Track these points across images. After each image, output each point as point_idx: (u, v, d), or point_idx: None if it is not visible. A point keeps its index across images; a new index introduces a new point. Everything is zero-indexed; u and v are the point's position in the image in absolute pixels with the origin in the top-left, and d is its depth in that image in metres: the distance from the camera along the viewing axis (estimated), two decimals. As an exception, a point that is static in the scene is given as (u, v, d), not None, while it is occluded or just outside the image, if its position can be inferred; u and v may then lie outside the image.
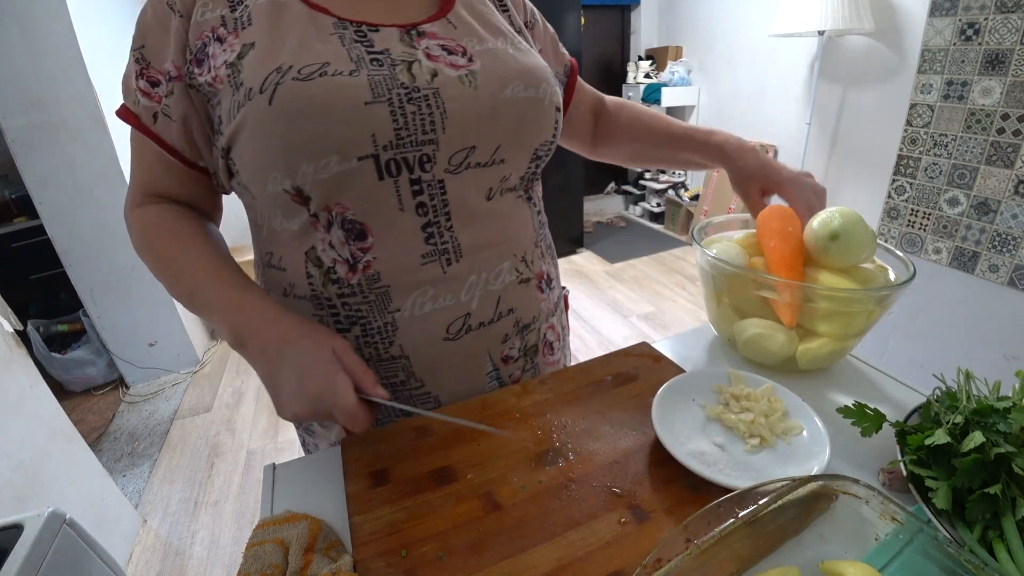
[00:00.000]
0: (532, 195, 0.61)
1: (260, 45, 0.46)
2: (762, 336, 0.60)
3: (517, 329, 0.59)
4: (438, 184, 0.50)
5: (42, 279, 2.46)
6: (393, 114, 0.45)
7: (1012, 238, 1.65)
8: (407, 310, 0.52)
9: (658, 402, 0.51)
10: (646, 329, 2.69)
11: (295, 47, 0.45)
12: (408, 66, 0.47)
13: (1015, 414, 0.41)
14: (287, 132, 0.44)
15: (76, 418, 2.07)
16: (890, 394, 0.59)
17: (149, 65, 0.49)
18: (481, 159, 0.51)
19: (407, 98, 0.46)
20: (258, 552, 0.40)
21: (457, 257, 0.52)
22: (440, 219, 0.51)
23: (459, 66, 0.49)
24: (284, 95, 0.43)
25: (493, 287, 0.55)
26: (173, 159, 0.52)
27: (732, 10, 3.25)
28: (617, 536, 0.40)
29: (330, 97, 0.44)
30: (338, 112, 0.44)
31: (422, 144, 0.48)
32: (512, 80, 0.52)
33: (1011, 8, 1.54)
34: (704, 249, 0.63)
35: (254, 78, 0.44)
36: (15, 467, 1.16)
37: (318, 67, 0.44)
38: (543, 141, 0.56)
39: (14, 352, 1.31)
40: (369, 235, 0.50)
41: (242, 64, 0.45)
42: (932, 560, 0.33)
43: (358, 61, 0.45)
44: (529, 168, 0.57)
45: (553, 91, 0.56)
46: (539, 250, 0.62)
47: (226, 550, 1.56)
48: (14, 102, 1.84)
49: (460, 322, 0.54)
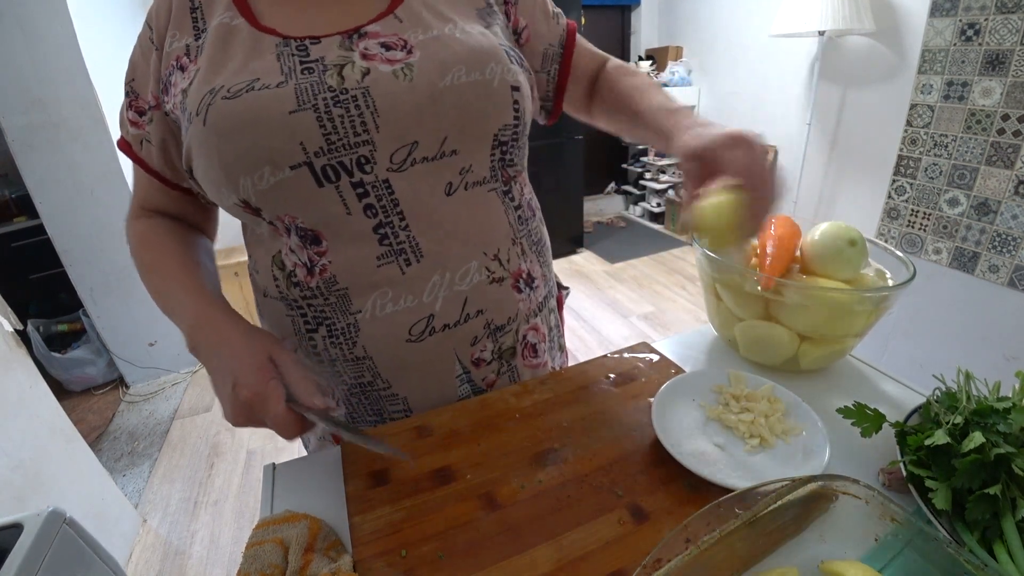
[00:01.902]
0: (510, 188, 0.58)
1: (203, 69, 0.48)
2: (763, 337, 0.60)
3: (488, 331, 0.57)
4: (383, 184, 0.48)
5: (42, 279, 2.46)
6: (319, 119, 0.45)
7: (1012, 238, 1.64)
8: (368, 311, 0.52)
9: (658, 402, 0.51)
10: (646, 329, 2.69)
11: (234, 69, 0.46)
12: (339, 69, 0.46)
13: (1015, 415, 0.41)
14: (221, 149, 0.46)
15: (76, 418, 2.07)
16: (890, 394, 0.59)
17: (138, 96, 0.54)
18: (428, 153, 0.49)
19: (333, 102, 0.45)
20: (258, 552, 0.40)
21: (417, 257, 0.51)
22: (393, 219, 0.49)
23: (395, 60, 0.48)
24: (214, 114, 0.45)
25: (459, 287, 0.53)
26: (158, 181, 0.57)
27: (732, 10, 3.25)
28: (617, 536, 0.40)
29: (254, 111, 0.44)
30: (263, 124, 0.44)
31: (356, 146, 0.46)
32: (453, 65, 0.49)
33: (1011, 8, 1.54)
34: (704, 249, 0.63)
35: (193, 102, 0.47)
36: (15, 466, 1.16)
37: (247, 84, 0.45)
38: (502, 125, 0.52)
39: (14, 352, 1.31)
40: (323, 240, 0.50)
41: (189, 91, 0.48)
42: (931, 561, 0.33)
43: (288, 73, 0.46)
44: (493, 156, 0.54)
45: (505, 69, 0.51)
46: (518, 247, 0.58)
47: (226, 550, 1.56)
48: (14, 102, 1.84)
49: (423, 324, 0.53)
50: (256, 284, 0.59)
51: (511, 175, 0.58)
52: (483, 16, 0.56)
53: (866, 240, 0.60)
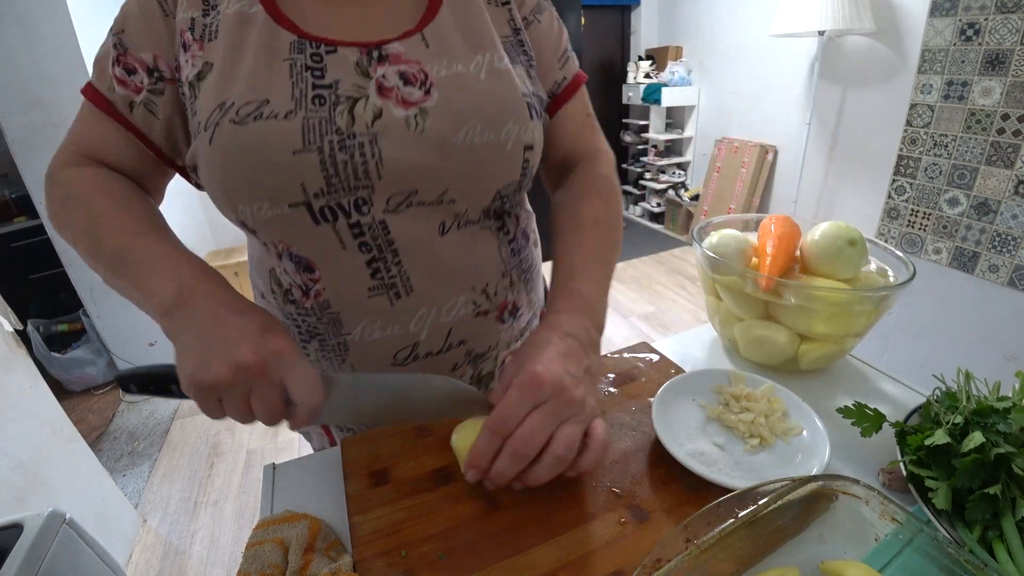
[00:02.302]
0: (504, 223, 0.56)
1: (216, 70, 0.45)
2: (763, 337, 0.60)
3: (469, 359, 0.58)
4: (379, 225, 0.48)
5: (42, 279, 2.45)
6: (323, 162, 0.44)
7: (1012, 238, 1.65)
8: (357, 334, 0.53)
9: (658, 402, 0.51)
10: (646, 329, 2.69)
11: (245, 75, 0.44)
12: (351, 105, 0.44)
13: (1015, 414, 0.41)
14: (223, 174, 0.44)
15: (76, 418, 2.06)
16: (890, 394, 0.59)
17: (127, 51, 0.47)
18: (425, 199, 0.48)
19: (339, 146, 0.44)
20: (258, 552, 0.40)
21: (407, 291, 0.51)
22: (386, 255, 0.49)
23: (410, 103, 0.46)
24: (221, 137, 0.43)
25: (444, 320, 0.53)
26: (147, 150, 0.51)
27: (732, 10, 3.25)
28: (617, 536, 0.40)
29: (260, 144, 0.43)
30: (267, 160, 0.43)
31: (355, 189, 0.46)
32: (470, 119, 0.47)
33: (1011, 8, 1.54)
34: (704, 249, 0.63)
35: (203, 111, 0.44)
36: (15, 466, 1.16)
37: (255, 107, 0.43)
38: (507, 182, 0.51)
39: (14, 352, 1.31)
40: (316, 269, 0.50)
41: (199, 88, 0.45)
42: (932, 560, 0.33)
43: (299, 99, 0.43)
44: (492, 204, 0.52)
45: (522, 129, 0.49)
46: (507, 280, 0.57)
47: (226, 550, 1.56)
48: (14, 102, 1.84)
49: (408, 350, 0.54)
50: (256, 285, 0.59)
51: (507, 212, 0.57)
52: (508, 48, 0.53)
53: (866, 240, 0.60)
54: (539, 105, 0.53)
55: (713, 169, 3.48)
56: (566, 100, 0.59)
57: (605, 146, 0.63)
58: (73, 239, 0.48)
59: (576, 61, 0.61)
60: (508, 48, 0.53)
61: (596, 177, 0.59)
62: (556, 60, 0.58)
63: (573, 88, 0.59)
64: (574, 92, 0.59)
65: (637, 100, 3.87)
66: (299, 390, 0.39)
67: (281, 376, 0.39)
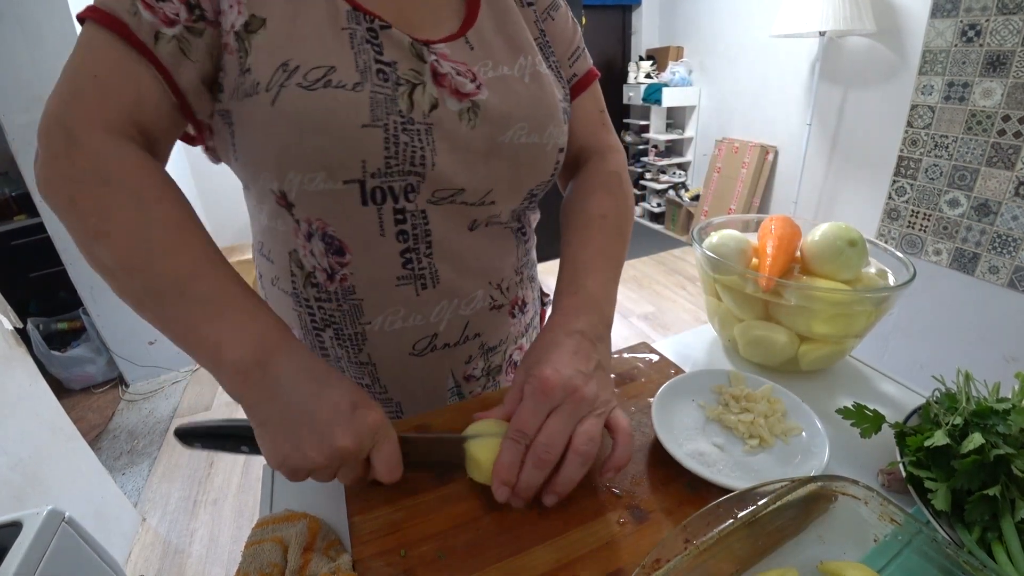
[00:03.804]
0: (524, 224, 0.59)
1: (272, 27, 0.41)
2: (763, 337, 0.60)
3: (482, 352, 0.60)
4: (420, 214, 0.48)
5: (42, 277, 2.46)
6: (387, 141, 0.43)
7: (1012, 239, 1.65)
8: (377, 324, 0.53)
9: (658, 402, 0.51)
10: (646, 329, 2.69)
11: (307, 37, 0.41)
12: (411, 90, 0.44)
13: (1014, 416, 0.41)
14: (283, 139, 0.42)
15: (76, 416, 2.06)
16: (890, 395, 0.59)
17: None
18: (469, 199, 0.49)
19: (402, 127, 0.43)
20: (257, 551, 0.40)
21: (434, 283, 0.52)
22: (420, 247, 0.50)
23: (464, 94, 0.46)
24: (287, 101, 0.40)
25: (463, 312, 0.55)
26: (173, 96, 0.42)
27: (733, 10, 3.25)
28: (616, 536, 0.40)
29: (328, 113, 0.41)
30: (335, 132, 0.41)
31: (408, 174, 0.45)
32: (517, 121, 0.48)
33: (1012, 10, 1.54)
34: (704, 249, 0.63)
35: (262, 70, 0.40)
36: (14, 465, 1.16)
37: (323, 73, 0.41)
38: (539, 182, 0.54)
39: (14, 350, 1.31)
40: (347, 252, 0.49)
41: (251, 43, 0.41)
42: (931, 561, 0.33)
43: (364, 71, 0.42)
44: (522, 204, 0.55)
45: (560, 132, 0.52)
46: (519, 276, 0.60)
47: (225, 549, 1.56)
48: (15, 100, 1.84)
49: (426, 341, 0.55)
50: (264, 268, 0.56)
51: (524, 215, 0.59)
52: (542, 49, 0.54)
53: (866, 241, 0.60)
54: (567, 107, 0.55)
55: (713, 169, 3.48)
56: (576, 96, 0.59)
57: (617, 143, 0.63)
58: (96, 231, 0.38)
59: (589, 59, 0.60)
60: (542, 49, 0.54)
61: (606, 173, 0.59)
62: (567, 57, 0.58)
63: (584, 84, 0.59)
64: (585, 88, 0.59)
65: (638, 100, 3.87)
66: (384, 468, 0.40)
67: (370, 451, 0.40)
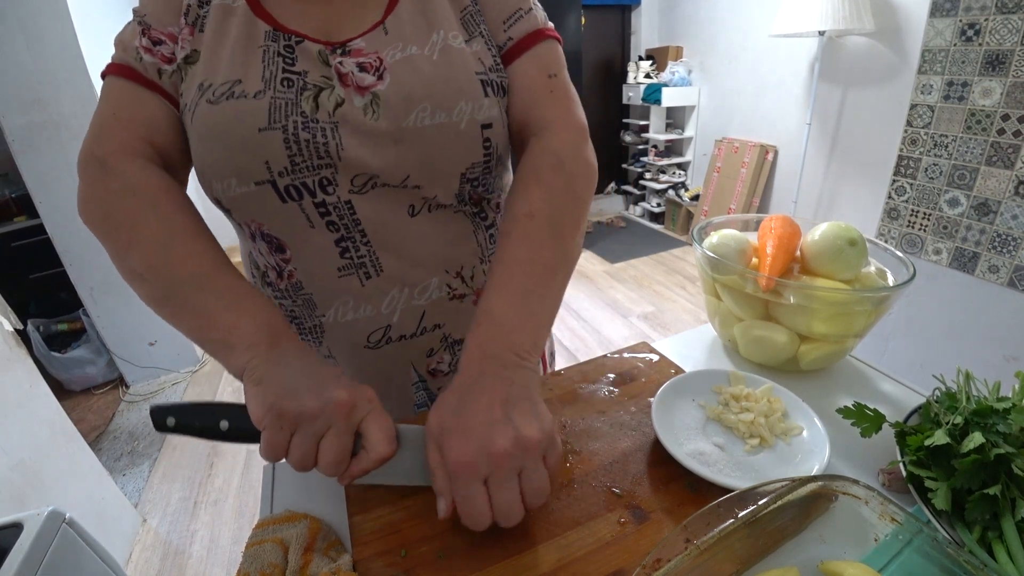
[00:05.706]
0: (482, 209, 0.56)
1: (202, 58, 0.47)
2: (763, 337, 0.60)
3: (446, 344, 0.59)
4: (345, 204, 0.49)
5: (42, 278, 2.46)
6: (287, 141, 0.45)
7: (1012, 239, 1.64)
8: (331, 316, 0.54)
9: (658, 402, 0.51)
10: (646, 329, 2.69)
11: (224, 60, 0.46)
12: (317, 93, 0.46)
13: (1015, 415, 0.41)
14: (198, 152, 0.47)
15: (76, 417, 2.06)
16: (890, 394, 0.59)
17: (151, 28, 0.48)
18: (389, 182, 0.49)
19: (303, 126, 0.45)
20: (258, 551, 0.40)
21: (377, 271, 0.52)
22: (354, 235, 0.50)
23: (364, 88, 0.46)
24: (198, 117, 0.45)
25: (417, 302, 0.54)
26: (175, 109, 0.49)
27: (733, 10, 3.25)
28: (617, 536, 0.40)
29: (230, 122, 0.45)
30: (234, 137, 0.45)
31: (319, 168, 0.47)
32: (419, 102, 0.46)
33: (1012, 9, 1.54)
34: (704, 249, 0.63)
35: (188, 94, 0.47)
36: (15, 466, 1.16)
37: (229, 87, 0.45)
38: (469, 164, 0.50)
39: (14, 351, 1.31)
40: (287, 248, 0.51)
41: (187, 72, 0.48)
42: (931, 561, 0.33)
43: (268, 80, 0.45)
44: (462, 189, 0.52)
45: (475, 107, 0.48)
46: (485, 265, 0.58)
47: (226, 549, 1.56)
48: (15, 101, 1.83)
49: (380, 332, 0.55)
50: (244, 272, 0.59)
51: (483, 198, 0.57)
52: (467, 21, 0.51)
53: (866, 240, 0.60)
54: (500, 80, 0.51)
55: (713, 169, 3.48)
56: (511, 62, 0.52)
57: (568, 114, 0.52)
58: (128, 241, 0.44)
59: (538, 20, 0.53)
60: (467, 21, 0.51)
61: (541, 156, 0.50)
62: (503, 21, 0.52)
63: (522, 47, 0.52)
64: (523, 52, 0.51)
65: (637, 100, 3.87)
66: (377, 438, 0.38)
67: (362, 421, 0.39)
